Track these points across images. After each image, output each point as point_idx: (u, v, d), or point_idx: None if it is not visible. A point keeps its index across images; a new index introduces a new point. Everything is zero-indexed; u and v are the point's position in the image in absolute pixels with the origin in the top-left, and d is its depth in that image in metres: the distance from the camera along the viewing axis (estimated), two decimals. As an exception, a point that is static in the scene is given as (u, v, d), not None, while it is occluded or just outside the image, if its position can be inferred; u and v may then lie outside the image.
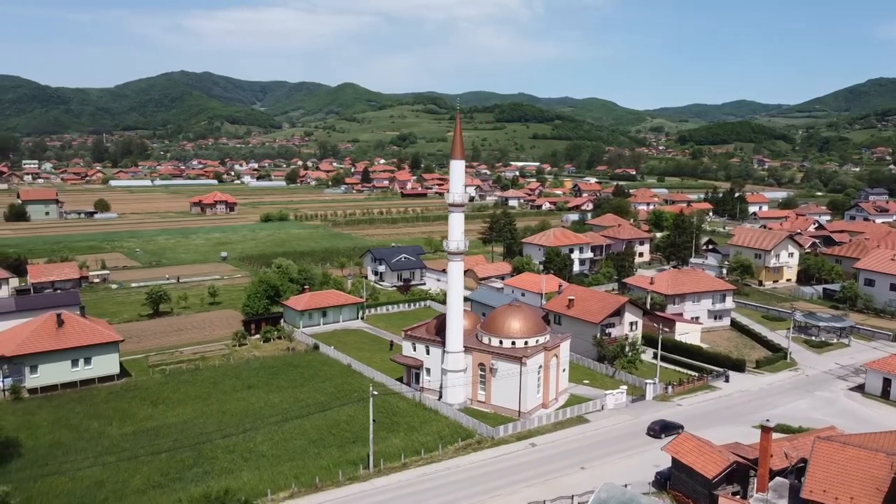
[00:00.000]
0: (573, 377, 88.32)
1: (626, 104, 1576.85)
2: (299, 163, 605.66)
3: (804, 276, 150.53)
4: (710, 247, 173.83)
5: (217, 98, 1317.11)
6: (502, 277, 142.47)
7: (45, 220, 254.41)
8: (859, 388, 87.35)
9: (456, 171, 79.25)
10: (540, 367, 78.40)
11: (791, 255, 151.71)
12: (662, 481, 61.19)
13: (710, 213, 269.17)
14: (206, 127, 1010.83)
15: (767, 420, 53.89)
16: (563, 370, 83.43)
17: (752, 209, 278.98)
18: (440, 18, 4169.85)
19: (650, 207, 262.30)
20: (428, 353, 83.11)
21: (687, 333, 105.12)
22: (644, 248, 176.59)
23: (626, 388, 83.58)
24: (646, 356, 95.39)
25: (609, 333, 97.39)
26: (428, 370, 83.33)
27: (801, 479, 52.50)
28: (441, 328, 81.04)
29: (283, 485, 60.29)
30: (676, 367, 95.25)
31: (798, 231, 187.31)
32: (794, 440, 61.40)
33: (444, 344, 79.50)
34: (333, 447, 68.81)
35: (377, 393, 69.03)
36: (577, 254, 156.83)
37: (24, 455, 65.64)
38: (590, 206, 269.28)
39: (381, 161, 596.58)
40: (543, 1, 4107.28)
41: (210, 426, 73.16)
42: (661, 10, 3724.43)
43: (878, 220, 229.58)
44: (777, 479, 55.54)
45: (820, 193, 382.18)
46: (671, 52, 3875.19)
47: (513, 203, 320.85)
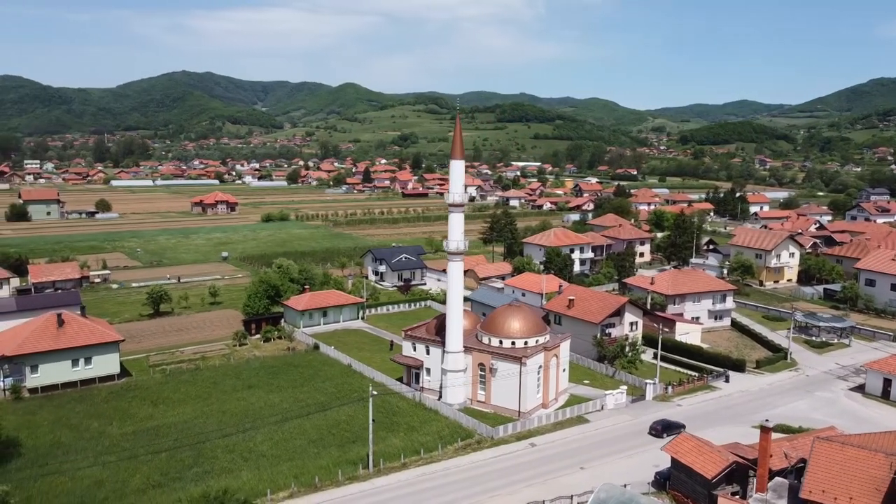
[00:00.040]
0: (573, 377, 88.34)
1: (627, 104, 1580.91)
2: (300, 163, 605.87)
3: (805, 277, 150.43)
4: (710, 247, 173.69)
5: (219, 98, 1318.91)
6: (503, 277, 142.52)
7: (46, 220, 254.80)
8: (860, 389, 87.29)
9: (456, 172, 79.35)
10: (540, 367, 78.42)
11: (792, 255, 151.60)
12: (662, 481, 61.22)
13: (711, 214, 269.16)
14: (208, 127, 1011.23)
15: (767, 420, 53.92)
16: (563, 370, 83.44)
17: (754, 209, 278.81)
18: (442, 18, 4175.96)
19: (651, 207, 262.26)
20: (428, 353, 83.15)
21: (687, 333, 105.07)
22: (645, 249, 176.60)
23: (625, 388, 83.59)
24: (646, 356, 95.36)
25: (609, 333, 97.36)
26: (428, 370, 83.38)
27: (800, 480, 52.46)
28: (441, 328, 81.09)
29: (283, 484, 60.35)
30: (676, 368, 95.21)
31: (799, 231, 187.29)
32: (793, 440, 61.37)
33: (444, 344, 79.54)
34: (333, 447, 68.88)
35: (376, 393, 69.08)
36: (577, 254, 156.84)
37: (24, 454, 65.76)
38: (591, 206, 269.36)
39: (383, 161, 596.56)
40: (545, 1, 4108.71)
41: (210, 426, 73.26)
42: (662, 10, 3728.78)
43: (880, 221, 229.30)
44: (777, 479, 55.57)
45: (821, 193, 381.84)
46: (672, 52, 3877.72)
47: (514, 203, 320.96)
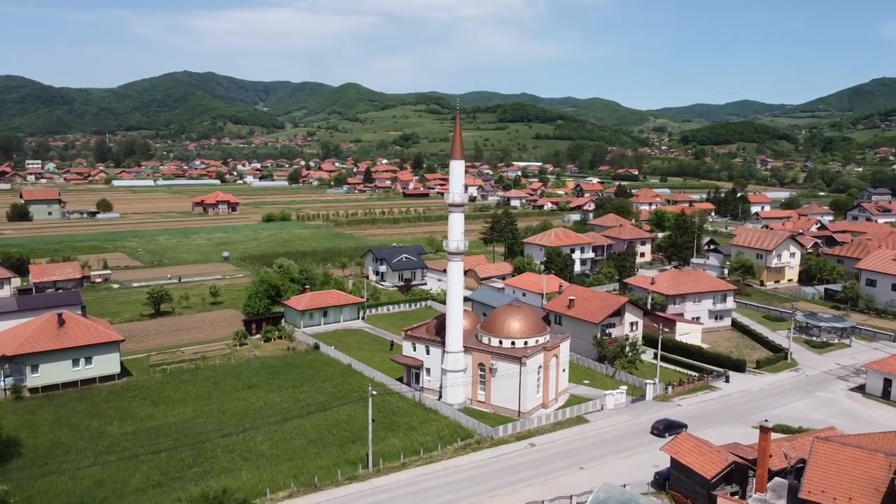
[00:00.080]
0: (573, 377, 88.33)
1: (628, 104, 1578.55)
2: (302, 163, 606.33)
3: (806, 277, 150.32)
4: (711, 247, 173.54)
5: (220, 98, 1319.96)
6: (503, 277, 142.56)
7: (47, 220, 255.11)
8: (860, 389, 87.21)
9: (456, 172, 79.41)
10: (539, 367, 78.42)
11: (793, 255, 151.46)
12: (661, 481, 61.21)
13: (713, 214, 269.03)
14: (209, 127, 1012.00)
15: (766, 420, 53.89)
16: (562, 370, 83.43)
17: (755, 209, 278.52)
18: (443, 18, 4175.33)
19: (652, 207, 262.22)
20: (428, 353, 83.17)
21: (687, 334, 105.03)
22: (645, 249, 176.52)
23: (625, 388, 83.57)
24: (646, 356, 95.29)
25: (609, 334, 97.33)
26: (428, 370, 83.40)
27: (800, 480, 52.42)
28: (441, 328, 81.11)
29: (283, 484, 60.40)
30: (677, 368, 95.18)
31: (800, 231, 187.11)
32: (793, 440, 61.33)
33: (443, 344, 79.56)
34: (333, 447, 68.93)
35: (376, 393, 69.09)
36: (578, 254, 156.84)
37: (24, 454, 65.86)
38: (592, 207, 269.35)
39: (384, 161, 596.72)
40: (546, 0, 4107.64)
41: (210, 426, 73.34)
42: (663, 10, 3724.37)
43: (881, 221, 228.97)
44: (776, 479, 55.56)
45: (823, 193, 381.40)
46: (674, 52, 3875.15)
47: (515, 203, 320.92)
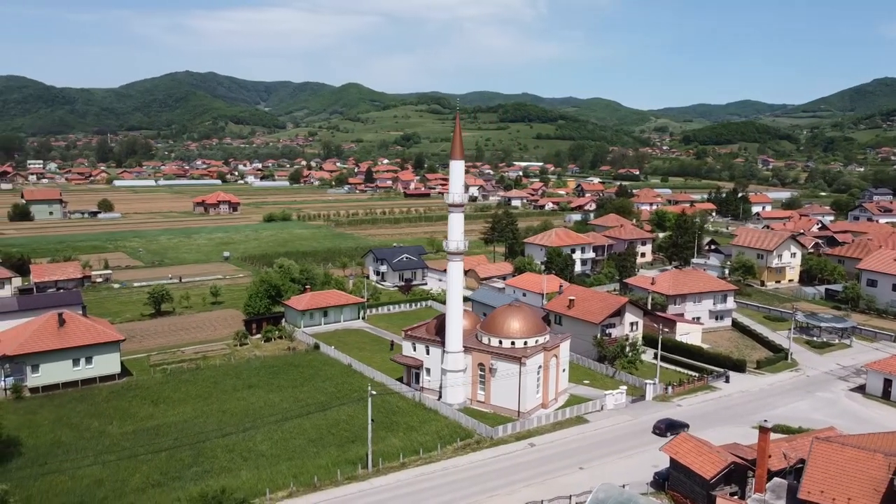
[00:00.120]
0: (573, 377, 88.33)
1: (630, 104, 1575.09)
2: (303, 163, 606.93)
3: (806, 277, 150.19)
4: (712, 247, 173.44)
5: (221, 98, 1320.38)
6: (504, 277, 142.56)
7: (48, 220, 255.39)
8: (860, 389, 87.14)
9: (455, 172, 79.44)
10: (539, 367, 78.42)
11: (793, 255, 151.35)
12: (661, 481, 61.21)
13: (714, 214, 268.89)
14: (211, 127, 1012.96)
15: (765, 420, 53.87)
16: (562, 370, 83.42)
17: (756, 209, 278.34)
18: (443, 18, 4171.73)
19: (653, 207, 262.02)
20: (428, 353, 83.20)
21: (688, 334, 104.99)
22: (646, 249, 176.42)
23: (625, 388, 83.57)
24: (646, 356, 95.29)
25: (609, 334, 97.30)
26: (428, 370, 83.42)
27: (799, 480, 52.39)
28: (441, 328, 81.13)
29: (282, 484, 60.45)
30: (677, 368, 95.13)
31: (801, 231, 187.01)
32: (793, 441, 61.28)
33: (443, 344, 79.59)
34: (332, 447, 68.97)
35: (375, 393, 69.14)
36: (578, 254, 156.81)
37: (24, 454, 65.97)
38: (593, 207, 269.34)
39: (385, 161, 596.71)
40: (547, 0, 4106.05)
41: (210, 425, 73.41)
42: (665, 10, 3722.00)
43: (882, 221, 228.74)
44: (775, 479, 55.53)
45: (824, 194, 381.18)
46: (675, 52, 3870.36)
47: (516, 203, 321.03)
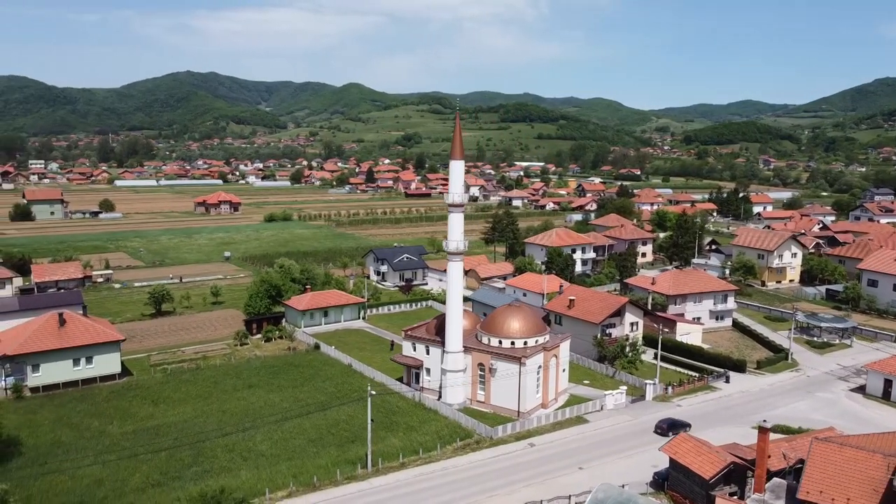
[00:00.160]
0: (573, 377, 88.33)
1: (631, 104, 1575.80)
2: (304, 163, 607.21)
3: (807, 277, 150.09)
4: (713, 247, 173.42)
5: (223, 98, 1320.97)
6: (504, 277, 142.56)
7: (49, 220, 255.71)
8: (860, 389, 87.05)
9: (455, 172, 79.47)
10: (539, 367, 78.43)
11: (794, 255, 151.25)
12: (660, 482, 61.21)
13: (715, 214, 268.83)
14: (212, 127, 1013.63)
15: (764, 421, 53.86)
16: (562, 370, 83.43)
17: (757, 209, 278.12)
18: (445, 18, 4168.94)
19: (654, 207, 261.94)
20: (428, 353, 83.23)
21: (688, 334, 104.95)
22: (647, 249, 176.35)
23: (625, 388, 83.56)
24: (646, 357, 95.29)
25: (610, 334, 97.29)
26: (428, 370, 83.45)
27: (798, 480, 52.39)
28: (441, 328, 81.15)
29: (282, 484, 60.49)
30: (677, 368, 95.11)
31: (802, 231, 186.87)
32: (792, 441, 61.26)
33: (443, 344, 79.62)
34: (332, 446, 69.01)
35: (375, 392, 69.17)
36: (579, 254, 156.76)
37: (24, 453, 66.06)
38: (594, 207, 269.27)
39: (386, 161, 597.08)
40: (548, 0, 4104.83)
41: (210, 425, 73.47)
42: (665, 10, 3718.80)
43: (883, 221, 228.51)
44: (775, 479, 55.54)
45: (825, 194, 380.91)
46: (677, 52, 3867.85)
47: (517, 203, 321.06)
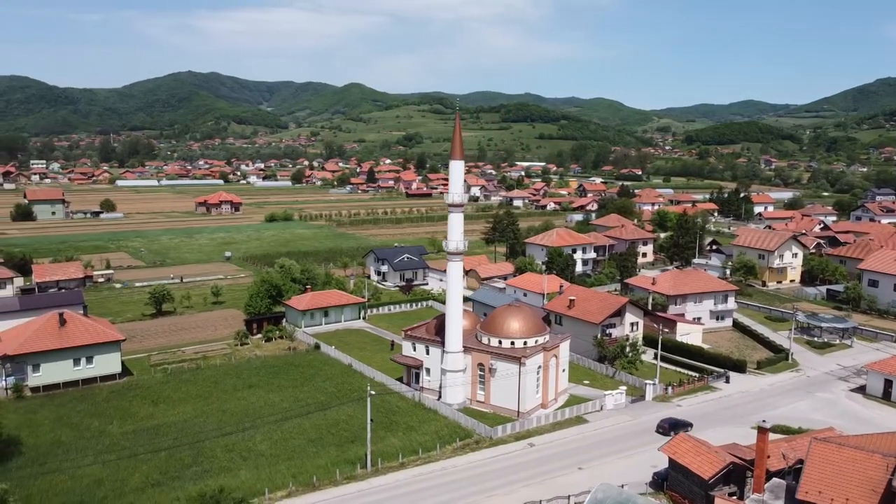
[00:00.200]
0: (573, 377, 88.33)
1: (632, 104, 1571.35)
2: (305, 163, 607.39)
3: (808, 277, 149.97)
4: (713, 247, 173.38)
5: (224, 98, 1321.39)
6: (505, 277, 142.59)
7: (51, 220, 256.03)
8: (860, 390, 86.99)
9: (455, 172, 79.56)
10: (539, 367, 78.44)
11: (795, 255, 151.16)
12: (659, 482, 61.22)
13: (716, 214, 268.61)
14: (213, 127, 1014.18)
15: (764, 421, 53.87)
16: (562, 370, 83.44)
17: (758, 209, 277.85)
18: (447, 18, 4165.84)
19: (655, 208, 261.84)
20: (428, 353, 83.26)
21: (688, 334, 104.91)
22: (647, 249, 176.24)
23: (625, 388, 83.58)
24: (647, 357, 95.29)
25: (610, 334, 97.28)
26: (428, 370, 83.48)
27: (798, 481, 52.37)
28: (441, 328, 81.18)
29: (281, 484, 60.56)
30: (677, 368, 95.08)
31: (803, 231, 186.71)
32: (792, 441, 61.24)
33: (443, 344, 79.65)
34: (332, 446, 69.06)
35: (374, 392, 69.19)
36: (580, 254, 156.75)
37: (24, 453, 66.14)
38: (594, 207, 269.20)
39: (387, 161, 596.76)
40: (550, 0, 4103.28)
41: (210, 425, 73.54)
42: (667, 10, 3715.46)
43: (884, 221, 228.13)
44: (774, 479, 55.53)
45: (827, 194, 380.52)
46: (678, 52, 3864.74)
47: (517, 203, 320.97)
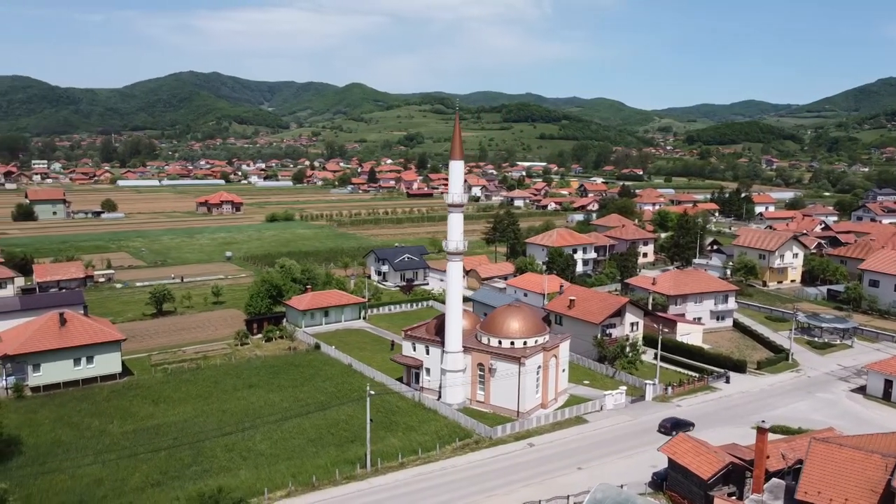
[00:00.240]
0: (573, 377, 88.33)
1: (633, 104, 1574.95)
2: (306, 163, 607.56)
3: (809, 277, 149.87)
4: (714, 247, 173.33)
5: (225, 98, 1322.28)
6: (505, 277, 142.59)
7: (52, 220, 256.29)
8: (861, 390, 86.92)
9: (455, 172, 79.54)
10: (539, 367, 78.45)
11: (795, 255, 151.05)
12: (659, 482, 61.21)
13: (717, 214, 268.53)
14: (215, 127, 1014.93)
15: (763, 421, 53.86)
16: (562, 370, 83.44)
17: (759, 209, 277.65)
18: (447, 18, 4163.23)
19: (656, 208, 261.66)
20: (428, 353, 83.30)
21: (688, 334, 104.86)
22: (648, 249, 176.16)
23: (625, 388, 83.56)
24: (647, 357, 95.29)
25: (610, 334, 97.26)
26: (427, 370, 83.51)
27: (797, 481, 52.36)
28: (441, 328, 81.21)
29: (281, 483, 60.63)
30: (677, 368, 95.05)
31: (804, 232, 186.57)
32: (791, 441, 61.25)
33: (443, 344, 79.68)
34: (331, 446, 69.11)
35: (374, 392, 69.25)
36: (580, 254, 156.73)
37: (24, 452, 66.25)
38: (595, 207, 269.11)
39: (388, 161, 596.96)
40: (551, 0, 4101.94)
41: (210, 425, 73.62)
42: (668, 10, 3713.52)
43: (885, 221, 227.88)
44: (773, 480, 55.54)
45: (828, 194, 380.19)
46: (679, 51, 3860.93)
47: (518, 203, 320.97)
